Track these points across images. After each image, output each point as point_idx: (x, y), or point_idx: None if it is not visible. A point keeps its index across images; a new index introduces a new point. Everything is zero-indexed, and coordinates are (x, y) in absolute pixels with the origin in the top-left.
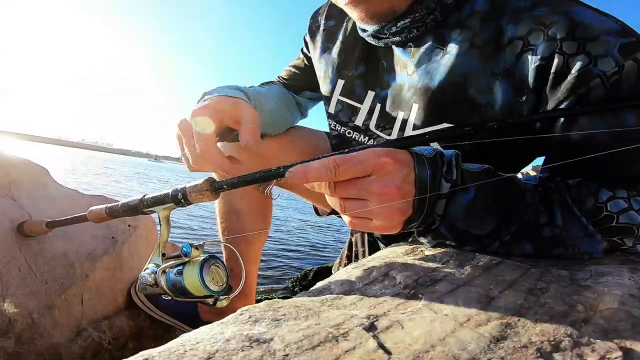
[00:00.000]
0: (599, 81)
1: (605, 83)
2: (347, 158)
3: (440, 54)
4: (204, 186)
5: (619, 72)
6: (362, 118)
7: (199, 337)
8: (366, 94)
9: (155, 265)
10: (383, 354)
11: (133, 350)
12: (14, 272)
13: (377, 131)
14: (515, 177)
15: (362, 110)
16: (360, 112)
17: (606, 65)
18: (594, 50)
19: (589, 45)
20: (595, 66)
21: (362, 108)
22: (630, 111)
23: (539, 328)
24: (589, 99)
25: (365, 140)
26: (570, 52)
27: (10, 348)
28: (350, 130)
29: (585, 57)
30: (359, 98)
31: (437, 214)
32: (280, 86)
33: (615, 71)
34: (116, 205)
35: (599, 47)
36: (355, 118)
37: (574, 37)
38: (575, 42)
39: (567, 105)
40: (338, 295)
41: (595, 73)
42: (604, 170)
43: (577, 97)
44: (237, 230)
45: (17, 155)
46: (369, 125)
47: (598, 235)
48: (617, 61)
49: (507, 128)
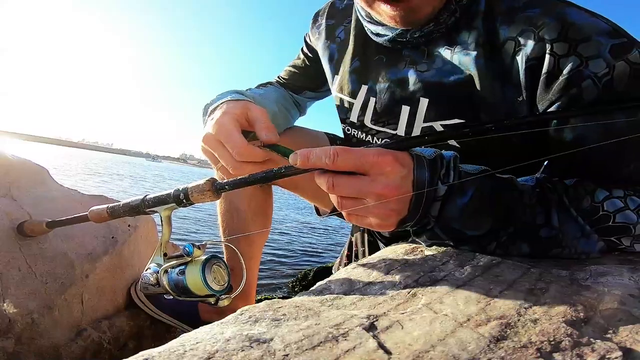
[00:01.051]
0: (590, 82)
1: (597, 84)
2: (348, 149)
3: (450, 53)
4: (205, 186)
5: (610, 73)
6: (355, 114)
7: (199, 337)
8: (360, 89)
9: (157, 265)
10: (383, 354)
11: (133, 350)
12: (14, 272)
13: (375, 127)
14: (512, 178)
15: (356, 106)
16: (354, 107)
17: (597, 67)
18: (585, 52)
19: (581, 47)
20: (587, 67)
21: (356, 103)
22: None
23: (539, 328)
24: (581, 99)
25: (362, 136)
26: (561, 53)
27: (10, 348)
28: (348, 127)
29: (577, 59)
30: (353, 93)
31: (432, 216)
32: (277, 87)
33: (606, 72)
34: (118, 205)
35: (590, 48)
36: (350, 114)
37: (566, 38)
38: (566, 43)
39: (559, 106)
40: (338, 295)
41: (587, 74)
42: (599, 170)
43: (569, 97)
44: (238, 229)
45: (17, 155)
46: (364, 120)
47: (595, 236)
48: (608, 62)
49: (507, 129)
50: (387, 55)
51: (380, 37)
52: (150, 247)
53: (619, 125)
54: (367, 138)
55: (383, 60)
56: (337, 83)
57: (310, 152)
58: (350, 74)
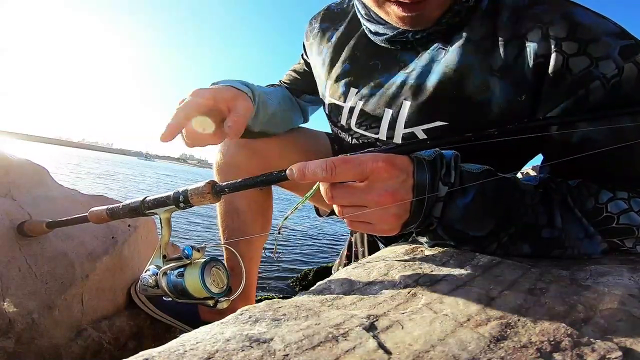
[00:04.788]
0: (598, 83)
1: (605, 86)
2: (345, 160)
3: (443, 53)
4: (205, 189)
5: (619, 74)
6: (345, 117)
7: (199, 337)
8: (349, 92)
9: (156, 266)
10: (383, 354)
11: (133, 350)
12: (14, 272)
13: (359, 130)
14: (515, 178)
15: (345, 109)
16: (344, 110)
17: (607, 68)
18: (595, 52)
19: (590, 47)
20: (597, 68)
21: (345, 107)
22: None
23: (539, 328)
24: (588, 101)
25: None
26: (570, 52)
27: (10, 348)
28: (339, 130)
29: (587, 59)
30: (343, 96)
31: (435, 217)
32: (283, 89)
33: (615, 74)
34: (117, 207)
35: (600, 48)
36: (341, 117)
37: (575, 38)
38: (575, 42)
39: (566, 106)
40: (338, 295)
41: (596, 75)
42: (603, 172)
43: (576, 98)
44: (238, 229)
45: (17, 155)
46: (351, 124)
47: (598, 237)
48: (617, 63)
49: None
50: (382, 60)
51: (379, 36)
52: (150, 247)
53: (626, 127)
54: (354, 142)
55: (378, 66)
56: (328, 87)
57: (306, 167)
58: (341, 77)
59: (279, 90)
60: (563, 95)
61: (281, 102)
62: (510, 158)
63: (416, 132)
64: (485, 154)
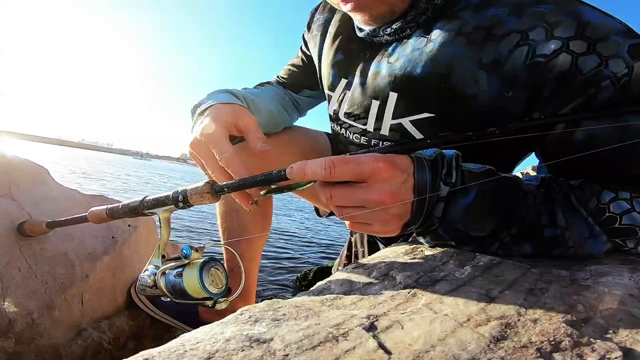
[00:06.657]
0: (608, 82)
1: (615, 85)
2: (344, 160)
3: (425, 42)
4: (204, 189)
5: (629, 73)
6: (333, 107)
7: (199, 337)
8: (339, 82)
9: (154, 266)
10: (383, 354)
11: (133, 350)
12: (14, 272)
13: (348, 120)
14: (517, 177)
15: (334, 99)
16: (332, 100)
17: (617, 67)
18: (604, 51)
19: (600, 46)
20: (607, 67)
21: (334, 96)
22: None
23: (539, 328)
24: (597, 100)
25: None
26: (579, 51)
27: (10, 348)
28: (332, 123)
29: (597, 58)
30: (332, 86)
31: (436, 217)
32: (276, 86)
33: (625, 73)
34: (117, 207)
35: (610, 47)
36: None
37: (583, 37)
38: (584, 41)
39: (575, 105)
40: (338, 295)
41: (606, 74)
42: (606, 172)
43: (586, 97)
44: (238, 229)
45: (17, 155)
46: (339, 114)
47: (604, 236)
48: (627, 63)
49: (512, 132)
50: (370, 50)
51: (361, 32)
52: (151, 247)
53: (632, 126)
54: (342, 131)
55: (366, 56)
56: (324, 77)
57: (306, 165)
58: (332, 66)
59: (269, 90)
60: (573, 94)
61: (273, 102)
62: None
63: (403, 123)
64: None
